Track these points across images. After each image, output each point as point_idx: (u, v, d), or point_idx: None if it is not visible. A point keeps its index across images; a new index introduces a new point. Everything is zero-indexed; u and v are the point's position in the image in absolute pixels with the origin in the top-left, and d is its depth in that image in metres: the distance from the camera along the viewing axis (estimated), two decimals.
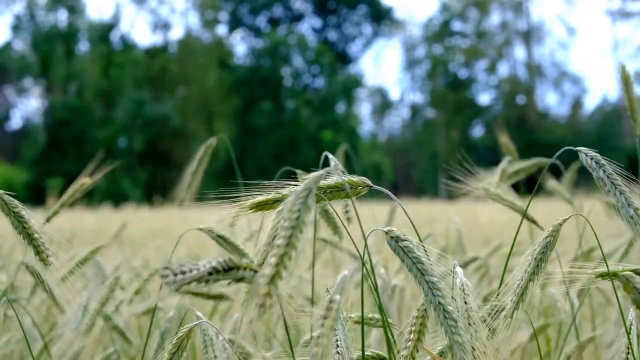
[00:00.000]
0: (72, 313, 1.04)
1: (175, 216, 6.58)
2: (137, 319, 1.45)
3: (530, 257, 0.70)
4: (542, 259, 0.69)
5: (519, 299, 0.69)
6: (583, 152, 0.70)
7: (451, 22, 28.52)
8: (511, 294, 0.69)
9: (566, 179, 1.56)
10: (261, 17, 28.23)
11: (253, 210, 0.63)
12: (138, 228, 4.88)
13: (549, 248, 0.70)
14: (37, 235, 0.71)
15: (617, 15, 27.79)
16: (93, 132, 23.49)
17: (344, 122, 25.35)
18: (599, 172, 0.69)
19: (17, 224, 0.71)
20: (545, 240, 0.70)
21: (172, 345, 0.68)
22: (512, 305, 0.69)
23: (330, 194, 0.64)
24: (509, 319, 0.68)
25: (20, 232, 0.71)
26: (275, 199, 0.63)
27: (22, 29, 25.28)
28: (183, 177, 1.26)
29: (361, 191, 0.64)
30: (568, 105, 28.02)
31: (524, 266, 0.70)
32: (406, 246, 0.60)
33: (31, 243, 0.71)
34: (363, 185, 0.64)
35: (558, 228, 0.70)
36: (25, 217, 0.71)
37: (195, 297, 1.07)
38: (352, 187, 0.64)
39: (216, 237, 0.88)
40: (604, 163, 0.69)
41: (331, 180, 0.64)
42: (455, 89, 27.69)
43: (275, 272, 0.46)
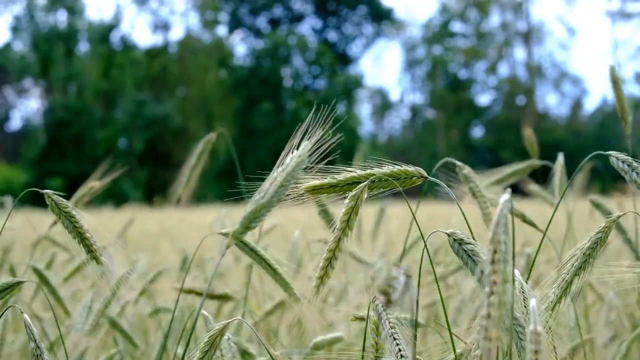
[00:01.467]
0: (77, 313, 1.05)
1: (175, 217, 6.58)
2: (142, 319, 1.46)
3: (578, 251, 0.69)
4: (591, 255, 0.68)
5: (563, 293, 0.68)
6: (614, 156, 0.70)
7: (451, 22, 28.53)
8: (555, 287, 0.68)
9: (577, 182, 1.56)
10: (261, 17, 28.23)
11: (309, 194, 0.63)
12: (138, 228, 4.88)
13: (599, 244, 0.69)
14: (89, 234, 0.72)
15: (617, 16, 27.79)
16: (93, 132, 23.47)
17: (344, 123, 25.30)
18: (632, 174, 0.68)
19: (68, 223, 0.72)
20: (597, 236, 0.69)
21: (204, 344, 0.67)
22: (554, 298, 0.67)
23: (386, 182, 0.63)
24: (550, 311, 0.67)
25: (71, 231, 0.72)
26: (331, 184, 0.63)
27: (21, 30, 25.26)
28: (181, 174, 1.23)
29: (416, 181, 0.64)
30: (568, 106, 28.03)
31: (571, 260, 0.69)
32: (470, 249, 0.58)
33: (82, 242, 0.72)
34: (418, 175, 0.64)
35: (611, 224, 0.69)
36: (76, 217, 0.72)
37: (198, 296, 1.07)
38: (407, 177, 0.63)
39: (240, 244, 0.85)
40: (637, 165, 0.68)
41: (386, 169, 0.63)
42: (455, 89, 27.68)
43: (500, 313, 0.43)
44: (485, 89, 28.84)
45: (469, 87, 28.29)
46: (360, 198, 0.61)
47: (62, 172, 21.34)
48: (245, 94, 24.90)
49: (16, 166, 21.93)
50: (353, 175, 0.63)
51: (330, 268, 0.61)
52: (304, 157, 0.59)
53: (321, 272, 0.61)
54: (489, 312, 0.43)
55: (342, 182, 0.63)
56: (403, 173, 0.64)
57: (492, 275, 0.44)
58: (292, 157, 0.60)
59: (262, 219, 0.57)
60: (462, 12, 28.49)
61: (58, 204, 0.73)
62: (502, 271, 0.44)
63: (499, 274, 0.44)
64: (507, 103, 27.67)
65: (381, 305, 0.64)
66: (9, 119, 26.35)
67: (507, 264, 0.45)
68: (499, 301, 0.44)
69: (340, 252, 0.61)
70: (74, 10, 25.64)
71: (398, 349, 0.61)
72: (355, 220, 0.61)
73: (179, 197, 1.23)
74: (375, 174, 0.63)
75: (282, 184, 0.58)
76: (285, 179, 0.58)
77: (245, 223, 0.57)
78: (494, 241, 0.45)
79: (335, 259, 0.61)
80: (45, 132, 23.59)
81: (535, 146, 1.40)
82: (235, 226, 0.57)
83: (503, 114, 26.96)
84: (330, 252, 0.61)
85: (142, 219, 6.81)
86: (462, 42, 28.80)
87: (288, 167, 0.59)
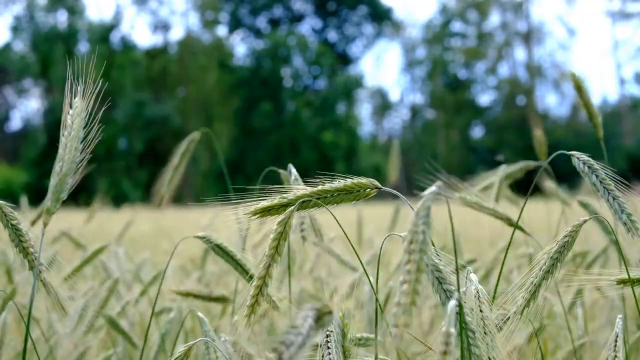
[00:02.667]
0: (73, 314, 1.05)
1: (175, 217, 6.57)
2: (142, 320, 1.46)
3: (546, 255, 0.69)
4: (559, 259, 0.68)
5: (531, 297, 0.68)
6: (576, 156, 0.69)
7: (451, 23, 28.53)
8: (523, 291, 0.68)
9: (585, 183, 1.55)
10: (261, 17, 28.23)
11: (258, 216, 0.62)
12: (138, 228, 4.87)
13: (566, 248, 0.69)
14: (32, 249, 0.68)
15: (617, 16, 27.79)
16: None
17: (344, 123, 25.33)
18: (592, 177, 0.68)
19: (15, 237, 0.68)
20: (564, 240, 0.69)
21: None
22: (522, 302, 0.67)
23: (338, 197, 0.62)
24: (518, 315, 0.67)
25: (17, 245, 0.68)
26: (281, 204, 0.62)
27: (21, 30, 25.27)
28: (164, 173, 1.19)
29: (370, 193, 0.63)
30: (568, 106, 28.03)
31: (539, 264, 0.68)
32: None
33: (26, 257, 0.68)
34: (372, 187, 0.63)
35: (577, 228, 0.69)
36: (22, 230, 0.68)
37: (196, 299, 1.07)
38: (360, 190, 0.62)
39: (214, 246, 0.85)
40: (597, 168, 0.68)
41: (339, 183, 0.62)
42: (455, 89, 27.68)
43: (411, 300, 0.44)
44: (485, 89, 28.86)
45: (469, 87, 28.29)
46: (289, 224, 0.60)
47: None
48: (245, 94, 24.90)
49: (16, 166, 21.93)
50: (304, 192, 0.62)
51: (260, 296, 0.60)
52: (82, 115, 0.60)
53: (252, 301, 0.60)
54: (399, 300, 0.44)
55: (292, 201, 0.62)
56: (356, 186, 0.62)
57: (407, 264, 0.45)
58: (72, 118, 0.60)
59: (68, 186, 0.60)
60: (462, 13, 28.49)
61: (7, 216, 0.69)
62: (416, 260, 0.45)
63: (413, 263, 0.45)
64: (507, 103, 27.68)
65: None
66: (9, 119, 26.36)
67: (423, 254, 0.46)
68: (412, 289, 0.44)
69: (271, 278, 0.60)
70: (74, 10, 25.64)
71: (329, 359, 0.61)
72: (284, 246, 0.60)
73: (162, 198, 1.19)
74: (328, 190, 0.62)
75: (76, 147, 0.60)
76: (77, 141, 0.60)
77: (56, 196, 0.60)
78: (411, 231, 0.46)
79: (266, 286, 0.60)
80: (45, 132, 23.58)
81: (544, 147, 1.40)
82: (48, 202, 0.58)
83: (503, 115, 26.96)
84: (260, 279, 0.60)
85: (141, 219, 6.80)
86: (462, 42, 28.81)
87: (72, 129, 0.60)
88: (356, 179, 0.63)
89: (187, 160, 1.19)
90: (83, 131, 0.60)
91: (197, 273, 1.60)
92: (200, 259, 1.73)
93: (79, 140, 0.59)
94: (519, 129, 24.45)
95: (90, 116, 0.61)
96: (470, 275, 0.62)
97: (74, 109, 0.59)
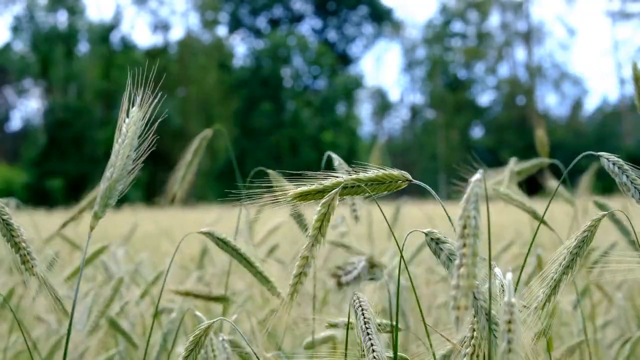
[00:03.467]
0: (78, 314, 1.05)
1: (175, 217, 6.57)
2: (143, 320, 1.46)
3: (565, 250, 0.69)
4: (578, 254, 0.68)
5: (552, 292, 0.68)
6: (605, 157, 0.69)
7: (451, 23, 28.53)
8: (544, 286, 0.68)
9: (584, 182, 1.56)
10: (261, 18, 28.24)
11: (297, 200, 0.63)
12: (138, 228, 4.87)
13: (585, 243, 0.69)
14: (25, 245, 0.68)
15: (617, 16, 27.79)
16: (93, 133, 23.47)
17: (344, 123, 25.34)
18: (622, 177, 0.68)
19: (6, 232, 0.68)
20: (583, 235, 0.69)
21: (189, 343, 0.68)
22: (543, 298, 0.68)
23: (371, 186, 0.64)
24: (539, 310, 0.67)
25: (8, 240, 0.68)
26: (318, 190, 0.63)
27: (21, 30, 25.27)
28: (176, 171, 1.20)
29: (401, 185, 0.64)
30: (568, 106, 28.02)
31: (558, 259, 0.69)
32: (448, 249, 0.59)
33: (18, 252, 0.68)
34: (403, 179, 0.64)
35: (596, 223, 0.69)
36: (14, 225, 0.68)
37: (196, 299, 1.07)
38: (392, 181, 0.64)
39: (217, 240, 0.86)
40: (627, 168, 0.68)
41: (372, 173, 0.64)
42: (455, 89, 27.68)
43: (469, 283, 0.45)
44: (485, 89, 28.86)
45: (469, 87, 28.30)
46: (332, 205, 0.61)
47: (62, 172, 21.34)
48: (245, 94, 24.90)
49: (16, 166, 21.93)
50: (339, 180, 0.63)
51: (303, 275, 0.61)
52: (138, 124, 0.61)
53: (294, 280, 0.61)
54: (458, 283, 0.45)
55: (328, 187, 0.63)
56: (388, 177, 0.63)
57: (462, 248, 0.46)
58: (127, 126, 0.61)
59: (118, 192, 0.60)
60: (462, 13, 28.50)
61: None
62: (471, 244, 0.46)
63: (469, 247, 0.46)
64: (507, 103, 27.68)
65: (358, 303, 0.64)
66: (9, 119, 26.37)
67: (476, 238, 0.47)
68: (468, 273, 0.46)
69: (313, 259, 0.61)
70: (74, 10, 25.64)
71: (371, 343, 0.62)
72: (327, 227, 0.61)
73: (174, 196, 1.21)
74: (361, 179, 0.63)
75: (128, 155, 0.60)
76: (129, 149, 0.60)
77: (104, 201, 0.60)
78: (463, 216, 0.48)
79: (309, 266, 0.61)
80: (45, 133, 23.59)
81: (546, 147, 1.40)
82: (96, 206, 0.59)
83: (503, 115, 26.97)
84: (303, 259, 0.61)
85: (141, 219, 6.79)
86: (462, 42, 28.82)
87: (127, 137, 0.61)
88: (388, 170, 0.64)
89: (199, 159, 1.20)
90: (137, 140, 0.61)
91: (197, 272, 1.61)
92: (199, 257, 1.73)
93: (132, 149, 0.60)
94: (519, 129, 24.46)
95: (146, 126, 0.62)
96: (495, 269, 0.62)
97: (130, 117, 0.60)
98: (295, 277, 0.61)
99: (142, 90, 0.62)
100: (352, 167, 0.65)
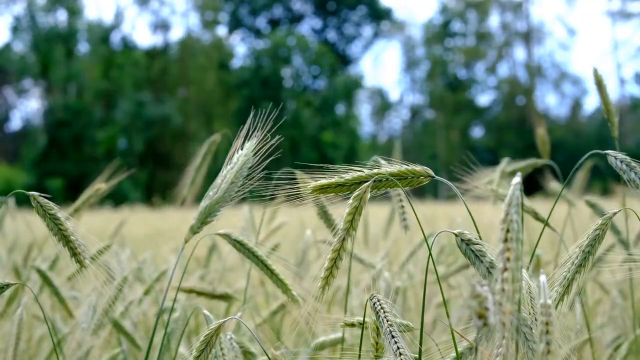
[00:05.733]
0: (82, 313, 1.05)
1: (175, 217, 6.57)
2: (146, 319, 1.46)
3: (577, 249, 0.68)
4: (590, 252, 0.68)
5: (565, 291, 0.68)
6: (612, 154, 0.69)
7: (451, 23, 28.52)
8: (557, 285, 0.68)
9: (578, 180, 1.55)
10: (261, 18, 28.23)
11: (317, 193, 0.63)
12: (138, 229, 4.88)
13: (597, 241, 0.68)
14: (73, 237, 0.71)
15: (617, 16, 27.78)
16: (93, 133, 23.47)
17: (344, 123, 25.34)
18: (630, 174, 0.68)
19: (53, 226, 0.70)
20: (594, 233, 0.69)
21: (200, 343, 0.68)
22: (557, 297, 0.67)
23: (391, 182, 0.63)
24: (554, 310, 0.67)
25: (56, 234, 0.70)
26: (338, 183, 0.63)
27: (21, 30, 25.26)
28: (186, 174, 1.23)
29: (423, 181, 0.64)
30: (568, 106, 28.01)
31: (571, 258, 0.68)
32: (479, 250, 0.59)
33: (67, 245, 0.71)
34: (426, 175, 0.64)
35: (607, 221, 0.69)
36: (61, 219, 0.70)
37: (199, 296, 1.07)
38: (414, 177, 0.63)
39: (234, 242, 0.85)
40: (635, 165, 0.68)
41: (393, 167, 0.63)
42: (455, 89, 27.67)
43: (514, 287, 0.45)
44: (485, 89, 28.85)
45: (469, 87, 28.29)
46: (364, 198, 0.61)
47: (62, 172, 21.33)
48: (245, 94, 24.90)
49: (16, 167, 21.93)
50: (360, 174, 0.63)
51: (335, 268, 0.61)
52: (249, 156, 0.64)
53: (326, 273, 0.62)
54: (503, 287, 0.45)
55: (349, 181, 0.63)
56: (410, 172, 0.63)
57: (505, 252, 0.46)
58: (239, 156, 0.64)
59: (217, 213, 0.62)
60: (462, 13, 28.49)
61: (43, 206, 0.71)
62: (514, 249, 0.46)
63: (512, 251, 0.46)
64: (507, 103, 27.67)
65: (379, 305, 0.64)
66: (9, 119, 26.36)
67: (518, 242, 0.46)
68: (512, 277, 0.45)
69: (345, 252, 0.61)
70: (74, 10, 25.63)
71: (397, 346, 0.62)
72: (359, 221, 0.61)
73: (184, 198, 1.23)
74: (383, 174, 0.63)
75: (232, 181, 0.63)
76: (235, 176, 0.63)
77: (202, 218, 0.62)
78: (506, 220, 0.47)
79: (340, 259, 0.61)
80: (45, 133, 23.59)
81: (547, 146, 1.40)
82: (193, 221, 0.62)
83: (503, 115, 26.96)
84: (335, 252, 0.61)
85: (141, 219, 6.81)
86: (462, 42, 28.81)
87: (236, 165, 0.63)
88: (411, 165, 0.64)
89: (208, 162, 1.21)
90: (248, 170, 0.64)
91: (200, 271, 1.61)
92: (206, 258, 1.73)
93: (239, 177, 0.63)
94: (518, 129, 24.45)
95: (257, 160, 0.64)
96: (522, 271, 0.62)
97: (245, 149, 0.64)
98: (327, 270, 0.61)
99: (260, 128, 0.64)
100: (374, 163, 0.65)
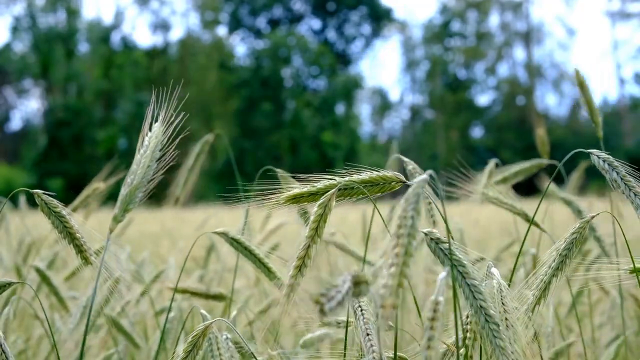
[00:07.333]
0: (75, 312, 1.05)
1: (174, 217, 6.57)
2: (143, 319, 1.46)
3: (555, 252, 0.68)
4: (568, 255, 0.68)
5: (541, 294, 0.67)
6: (595, 154, 0.69)
7: (451, 23, 28.52)
8: (534, 288, 0.68)
9: (572, 181, 1.55)
10: (261, 18, 28.23)
11: (289, 203, 0.64)
12: (138, 229, 4.87)
13: (574, 244, 0.68)
14: (79, 235, 0.71)
15: (617, 16, 27.78)
16: (93, 133, 23.47)
17: (344, 123, 25.33)
18: (612, 174, 0.68)
19: (59, 223, 0.71)
20: (572, 237, 0.69)
21: (187, 344, 0.68)
22: (533, 300, 0.67)
23: (365, 189, 0.64)
24: (530, 313, 0.67)
25: (61, 231, 0.71)
26: (311, 192, 0.63)
27: (21, 30, 25.26)
28: (179, 174, 1.23)
29: (395, 186, 0.64)
30: (568, 106, 28.01)
31: (548, 261, 0.68)
32: (447, 248, 0.59)
33: (72, 242, 0.71)
34: (397, 180, 0.64)
35: (585, 224, 0.69)
36: (66, 217, 0.71)
37: (193, 297, 1.07)
38: (385, 183, 0.64)
39: (231, 240, 0.86)
40: (617, 165, 0.68)
41: (365, 175, 0.64)
42: (455, 90, 27.67)
43: (397, 282, 0.45)
44: (485, 89, 28.86)
45: (469, 87, 28.29)
46: (329, 206, 0.62)
47: (63, 172, 21.33)
48: (245, 94, 24.90)
49: (16, 167, 21.93)
50: (332, 182, 0.64)
51: (300, 276, 0.62)
52: (159, 138, 0.65)
53: (291, 281, 0.62)
54: (387, 282, 0.45)
55: (321, 190, 0.63)
56: (381, 179, 0.63)
57: (395, 247, 0.46)
58: (149, 139, 0.65)
59: (137, 199, 0.64)
60: (462, 13, 28.49)
61: (48, 204, 0.71)
62: (404, 245, 0.46)
63: (401, 247, 0.46)
64: (507, 103, 27.67)
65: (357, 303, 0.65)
66: (9, 119, 26.36)
67: (411, 238, 0.47)
68: (399, 272, 0.45)
69: (310, 259, 0.62)
70: (74, 10, 25.64)
71: (370, 344, 0.62)
72: (324, 228, 0.62)
73: (177, 198, 1.22)
74: (354, 181, 0.63)
75: (148, 165, 0.64)
76: (150, 159, 0.64)
77: (123, 206, 0.63)
78: (400, 217, 0.48)
79: (305, 266, 0.62)
80: (46, 133, 23.58)
81: (546, 146, 1.40)
82: (115, 210, 0.63)
83: (503, 114, 26.96)
84: (299, 259, 0.62)
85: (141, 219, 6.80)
86: (462, 42, 28.81)
87: (148, 148, 0.64)
88: (382, 171, 0.64)
89: (201, 162, 1.21)
90: (159, 152, 0.65)
91: (198, 272, 1.61)
92: (202, 258, 1.73)
93: (153, 160, 0.64)
94: (518, 129, 24.44)
95: (168, 140, 0.66)
96: (492, 269, 0.62)
97: (154, 131, 0.65)
98: (292, 277, 0.62)
99: (165, 107, 0.65)
100: (347, 170, 0.65)
